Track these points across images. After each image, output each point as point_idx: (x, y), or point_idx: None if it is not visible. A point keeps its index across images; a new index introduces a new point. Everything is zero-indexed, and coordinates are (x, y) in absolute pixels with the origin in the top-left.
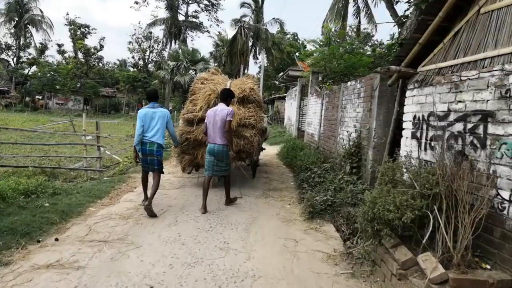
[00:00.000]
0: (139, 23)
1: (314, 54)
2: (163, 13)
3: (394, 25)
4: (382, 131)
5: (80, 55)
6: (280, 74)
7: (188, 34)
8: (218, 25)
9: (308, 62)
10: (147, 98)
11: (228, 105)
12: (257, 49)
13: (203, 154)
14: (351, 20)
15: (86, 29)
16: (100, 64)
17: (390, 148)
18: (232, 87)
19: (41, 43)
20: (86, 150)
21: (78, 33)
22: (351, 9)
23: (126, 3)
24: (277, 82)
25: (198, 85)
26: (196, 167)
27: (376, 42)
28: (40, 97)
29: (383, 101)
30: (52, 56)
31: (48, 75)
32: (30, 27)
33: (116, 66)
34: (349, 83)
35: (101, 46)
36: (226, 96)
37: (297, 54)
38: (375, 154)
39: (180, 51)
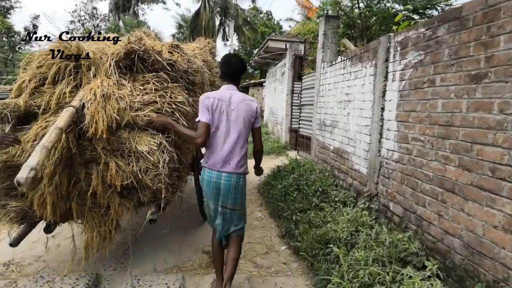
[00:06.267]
0: None
1: None
2: None
3: None
4: None
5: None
6: (256, 51)
7: (139, 6)
8: None
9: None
10: None
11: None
12: (227, 29)
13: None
14: None
15: (7, 2)
16: (30, 48)
17: None
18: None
19: None
20: None
21: None
22: None
23: None
24: (249, 68)
25: None
26: (47, 227)
27: None
28: None
29: None
30: None
31: None
32: None
33: None
34: None
35: (34, 27)
36: (237, 69)
37: None
38: None
39: (121, 23)
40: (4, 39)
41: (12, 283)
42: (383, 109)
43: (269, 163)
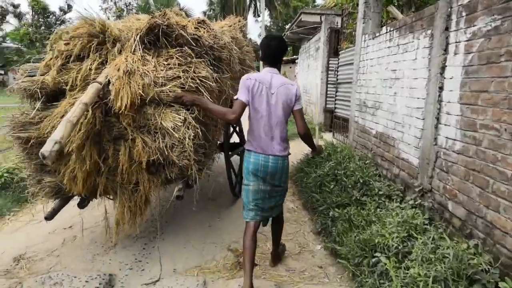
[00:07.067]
0: None
1: None
2: None
3: None
4: None
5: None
6: (288, 26)
7: None
8: None
9: None
10: None
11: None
12: (258, 4)
13: (80, 170)
14: None
15: None
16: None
17: None
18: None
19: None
20: None
21: None
22: None
23: None
24: None
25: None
26: (80, 202)
27: None
28: (2, 72)
29: None
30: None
31: None
32: None
33: None
34: None
35: (69, 7)
36: (276, 52)
37: None
38: None
39: (151, 0)
40: (40, 19)
41: (18, 284)
42: (441, 88)
43: (301, 146)
